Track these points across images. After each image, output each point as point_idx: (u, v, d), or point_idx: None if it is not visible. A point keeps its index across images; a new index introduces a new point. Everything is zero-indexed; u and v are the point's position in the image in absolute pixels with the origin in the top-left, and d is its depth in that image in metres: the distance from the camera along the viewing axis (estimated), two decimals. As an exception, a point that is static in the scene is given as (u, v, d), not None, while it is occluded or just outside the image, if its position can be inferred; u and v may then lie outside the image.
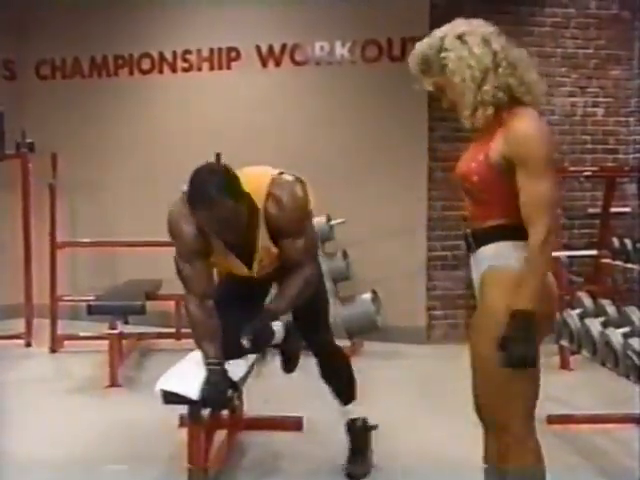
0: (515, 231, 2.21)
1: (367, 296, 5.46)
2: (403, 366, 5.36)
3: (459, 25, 2.32)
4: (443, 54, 2.27)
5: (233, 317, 3.00)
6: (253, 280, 3.13)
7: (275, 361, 3.60)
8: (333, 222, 5.76)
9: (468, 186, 2.29)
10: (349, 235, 5.90)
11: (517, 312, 2.14)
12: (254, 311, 3.02)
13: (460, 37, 2.27)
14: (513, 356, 2.14)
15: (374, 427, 3.46)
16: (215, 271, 3.26)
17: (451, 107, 2.35)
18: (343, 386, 3.45)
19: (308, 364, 4.97)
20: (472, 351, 2.34)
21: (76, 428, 4.03)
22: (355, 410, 3.46)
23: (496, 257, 2.25)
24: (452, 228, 6.23)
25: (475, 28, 2.30)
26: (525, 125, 2.18)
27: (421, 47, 2.35)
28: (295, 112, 6.42)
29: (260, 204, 2.93)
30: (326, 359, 3.42)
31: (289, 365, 3.35)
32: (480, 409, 2.43)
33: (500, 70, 2.23)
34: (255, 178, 2.97)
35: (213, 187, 2.75)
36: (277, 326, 3.01)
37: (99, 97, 6.82)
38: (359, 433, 3.43)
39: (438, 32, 2.33)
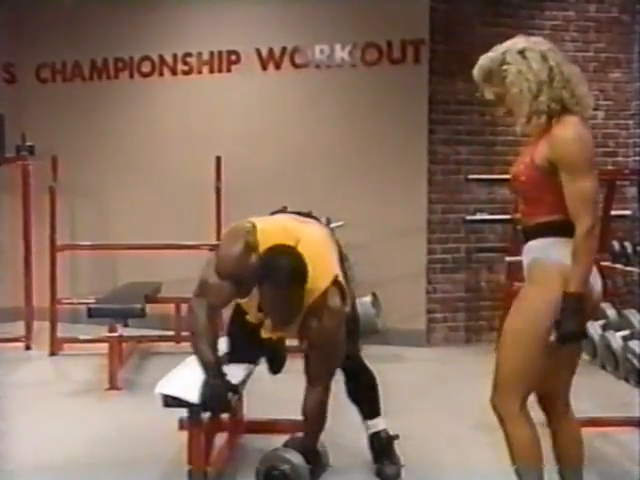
0: (559, 228, 2.48)
1: (367, 299, 5.43)
2: (403, 369, 5.36)
3: (521, 42, 2.57)
4: (504, 67, 2.54)
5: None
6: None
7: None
8: (333, 225, 5.75)
9: (517, 185, 2.58)
10: (349, 238, 5.88)
11: (566, 295, 2.40)
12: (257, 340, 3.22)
13: (521, 52, 2.53)
14: (564, 332, 2.41)
15: (396, 437, 3.49)
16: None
17: (508, 114, 2.62)
18: (369, 402, 3.48)
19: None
20: (504, 329, 2.59)
21: (75, 431, 4.02)
22: (377, 423, 3.48)
23: (540, 250, 2.51)
24: (452, 231, 6.25)
25: (535, 45, 2.55)
26: (566, 132, 2.43)
27: (485, 59, 2.61)
28: (295, 115, 6.43)
29: (306, 304, 2.97)
30: (353, 375, 3.44)
31: (275, 366, 3.44)
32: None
33: (554, 84, 2.48)
34: (313, 276, 2.94)
35: (291, 277, 2.84)
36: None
37: (99, 100, 6.83)
38: (385, 444, 3.46)
39: (501, 47, 2.59)
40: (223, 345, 3.29)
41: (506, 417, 2.56)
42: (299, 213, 3.38)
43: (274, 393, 4.35)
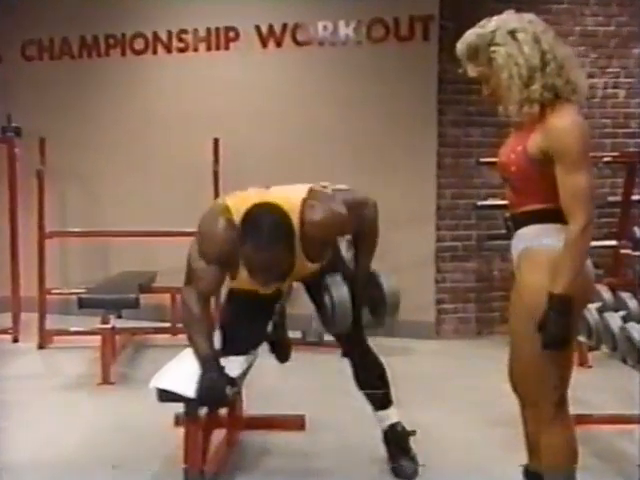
0: (550, 215, 2.45)
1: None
2: (410, 362, 5.35)
3: (512, 20, 2.49)
4: (493, 47, 2.47)
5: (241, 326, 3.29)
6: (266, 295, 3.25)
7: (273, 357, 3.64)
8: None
9: (507, 175, 2.55)
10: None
11: (553, 296, 2.37)
12: (260, 322, 3.37)
13: (512, 33, 2.45)
14: (549, 337, 2.38)
15: (412, 433, 3.47)
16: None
17: (491, 96, 2.57)
18: (378, 391, 3.46)
19: (311, 360, 4.96)
20: (509, 327, 2.58)
21: (66, 428, 4.02)
22: (390, 415, 3.45)
23: (532, 238, 2.49)
24: (462, 217, 6.23)
25: (527, 25, 2.47)
26: (563, 122, 2.39)
27: (471, 36, 2.53)
28: (297, 95, 6.40)
29: (295, 227, 2.98)
30: (359, 361, 3.43)
31: (280, 354, 3.50)
32: (515, 384, 2.64)
33: (548, 70, 2.43)
34: (287, 199, 3.01)
35: (275, 235, 2.85)
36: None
37: (89, 79, 6.80)
38: (401, 438, 3.45)
39: (490, 24, 2.51)
40: (216, 340, 3.28)
41: (543, 423, 2.53)
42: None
43: (275, 387, 4.35)
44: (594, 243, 2.46)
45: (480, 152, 6.04)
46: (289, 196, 3.03)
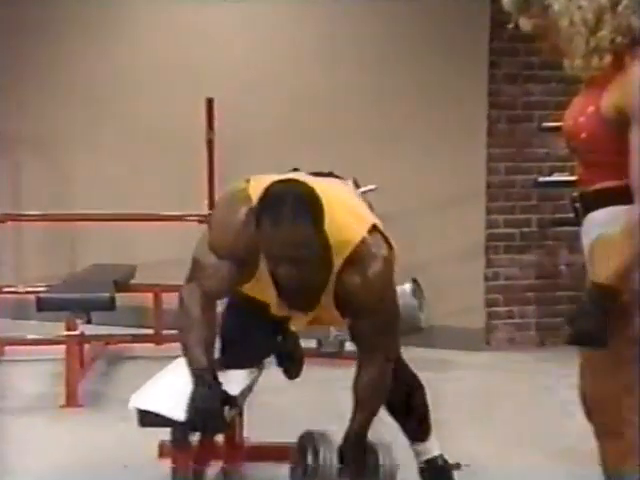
0: (629, 194, 2.36)
1: (407, 287, 5.43)
2: (454, 379, 5.36)
3: None
4: None
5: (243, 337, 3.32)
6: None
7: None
8: (362, 189, 5.72)
9: (575, 144, 2.51)
10: (382, 207, 5.84)
11: (594, 285, 2.39)
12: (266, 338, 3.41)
13: None
14: (575, 331, 2.41)
15: (457, 466, 3.47)
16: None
17: (554, 53, 2.54)
18: (415, 419, 3.46)
19: (328, 375, 4.96)
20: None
21: (21, 461, 4.00)
22: (429, 448, 3.45)
23: (607, 224, 2.42)
24: (520, 197, 6.23)
25: None
26: None
27: None
28: (311, 46, 6.40)
29: (337, 261, 2.94)
30: (395, 383, 3.34)
31: (290, 368, 3.53)
32: (589, 408, 2.61)
33: (619, 8, 2.38)
34: (342, 226, 2.95)
35: (301, 210, 2.78)
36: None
37: (46, 20, 6.79)
38: (442, 474, 3.45)
39: None
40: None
41: (628, 457, 2.48)
42: (317, 174, 3.34)
43: (284, 408, 4.35)
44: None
45: (543, 115, 6.03)
46: (348, 220, 2.99)
